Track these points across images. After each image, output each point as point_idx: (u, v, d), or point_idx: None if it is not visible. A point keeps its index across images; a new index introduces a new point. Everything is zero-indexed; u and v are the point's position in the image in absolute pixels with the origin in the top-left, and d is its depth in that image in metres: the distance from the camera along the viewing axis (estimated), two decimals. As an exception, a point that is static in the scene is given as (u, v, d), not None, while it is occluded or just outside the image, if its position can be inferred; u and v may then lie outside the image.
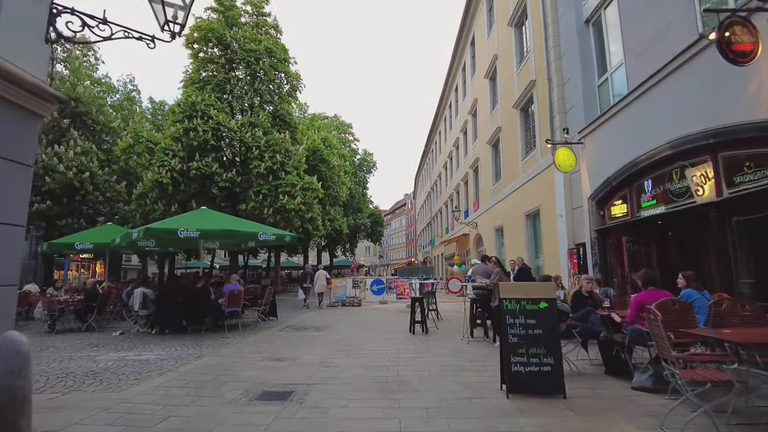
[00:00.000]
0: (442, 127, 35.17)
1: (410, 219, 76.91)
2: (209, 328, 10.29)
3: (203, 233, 9.39)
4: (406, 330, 10.02)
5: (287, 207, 16.12)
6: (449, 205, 31.35)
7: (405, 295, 16.87)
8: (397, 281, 17.11)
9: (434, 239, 40.77)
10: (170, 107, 16.83)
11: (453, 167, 30.05)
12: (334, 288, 17.50)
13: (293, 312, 15.18)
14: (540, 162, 13.27)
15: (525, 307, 4.80)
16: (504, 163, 17.24)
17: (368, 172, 47.97)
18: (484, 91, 20.53)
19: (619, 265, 9.25)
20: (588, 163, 10.18)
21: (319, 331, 10.11)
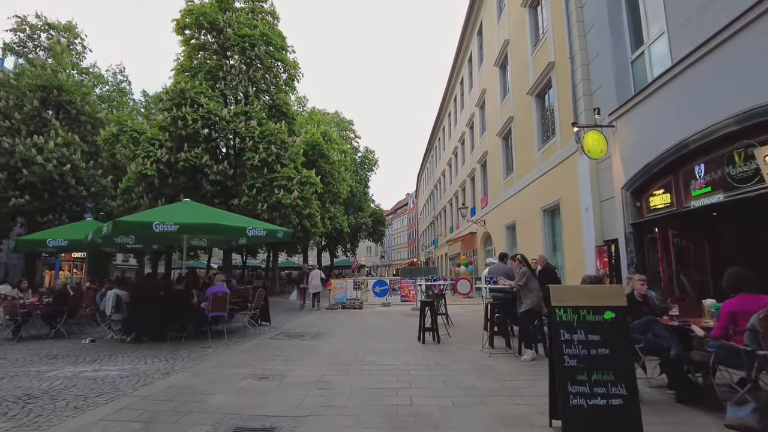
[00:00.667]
0: (446, 123, 33.97)
1: (412, 219, 75.71)
2: (191, 335, 9.09)
3: (183, 227, 8.19)
4: (415, 338, 8.82)
5: (283, 202, 14.90)
6: (454, 203, 30.14)
7: (410, 298, 15.66)
8: (402, 282, 15.89)
9: (437, 239, 39.55)
10: (157, 94, 15.64)
11: (458, 163, 28.83)
12: (334, 289, 16.29)
13: (289, 316, 13.98)
14: (560, 151, 12.05)
15: (585, 318, 3.58)
16: (517, 155, 16.02)
17: (370, 170, 46.77)
18: (493, 80, 19.32)
19: (662, 263, 8.02)
20: (621, 149, 8.95)
21: (315, 339, 8.89)
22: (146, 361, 6.84)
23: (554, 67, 12.55)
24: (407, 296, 15.54)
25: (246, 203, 14.95)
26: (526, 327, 6.84)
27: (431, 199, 44.31)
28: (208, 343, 8.44)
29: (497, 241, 18.61)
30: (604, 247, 9.59)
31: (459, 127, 28.17)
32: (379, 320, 12.41)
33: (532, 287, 6.90)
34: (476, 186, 23.20)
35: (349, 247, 44.56)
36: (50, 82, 16.34)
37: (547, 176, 13.05)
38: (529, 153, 14.58)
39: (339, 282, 16.49)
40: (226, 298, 8.96)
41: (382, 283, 16.05)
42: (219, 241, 12.13)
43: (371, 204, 47.22)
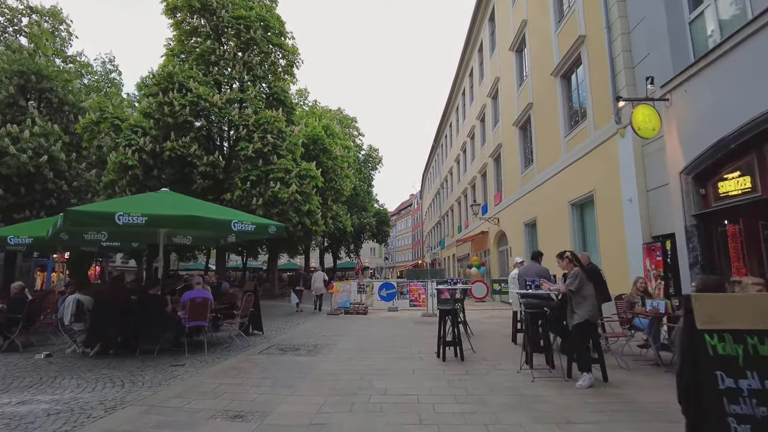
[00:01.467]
0: (454, 118, 32.50)
1: (416, 220, 74.20)
2: (166, 348, 7.65)
3: (153, 220, 6.76)
4: (432, 352, 7.37)
5: (280, 197, 13.46)
6: (463, 201, 28.65)
7: (420, 302, 14.17)
8: (411, 285, 14.42)
9: (444, 240, 38.06)
10: (143, 79, 14.32)
11: (467, 159, 27.35)
12: (336, 293, 14.84)
13: (285, 322, 12.53)
14: (593, 136, 10.57)
15: (758, 352, 2.11)
16: (537, 145, 14.54)
17: (373, 168, 45.33)
18: (508, 67, 17.87)
19: (744, 263, 6.49)
20: (678, 125, 7.46)
21: (312, 354, 7.43)
22: (97, 385, 5.40)
23: (584, 41, 11.09)
24: (417, 300, 14.07)
25: (239, 198, 13.53)
26: (582, 344, 5.36)
27: (437, 199, 42.82)
28: (183, 359, 7.00)
29: (514, 240, 17.12)
30: (656, 244, 8.10)
31: (468, 121, 26.71)
32: (387, 328, 10.94)
33: (587, 293, 5.43)
34: (488, 182, 21.71)
35: (353, 248, 43.12)
36: (27, 67, 14.98)
37: (575, 166, 11.58)
38: (553, 142, 13.11)
39: (342, 285, 15.04)
40: (207, 304, 7.51)
41: (389, 285, 14.58)
42: (206, 238, 10.72)
43: (375, 204, 45.77)
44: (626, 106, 8.52)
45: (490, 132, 21.05)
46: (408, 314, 14.14)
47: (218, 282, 12.99)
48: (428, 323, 11.88)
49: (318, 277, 15.79)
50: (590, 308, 5.35)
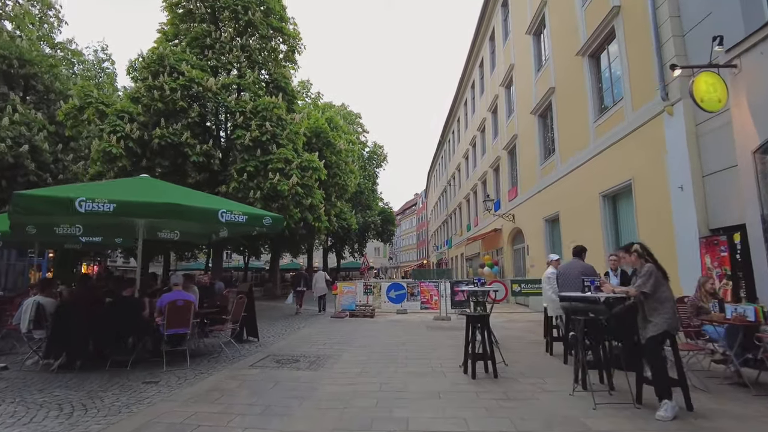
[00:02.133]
0: (462, 113, 31.29)
1: (421, 219, 73.03)
2: (141, 359, 6.50)
3: (122, 207, 5.62)
4: (454, 365, 6.21)
5: (279, 189, 12.31)
6: (472, 199, 27.44)
7: (432, 304, 12.97)
8: (422, 286, 13.22)
9: (451, 239, 36.83)
10: (131, 62, 13.21)
11: (477, 154, 26.13)
12: (341, 294, 13.67)
13: (285, 326, 11.38)
14: (631, 118, 9.36)
15: None
16: (560, 133, 13.32)
17: (378, 165, 44.21)
18: (524, 52, 16.67)
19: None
20: (750, 96, 6.25)
21: (314, 368, 6.26)
22: (38, 413, 4.25)
23: (619, 12, 9.88)
24: (428, 303, 12.87)
25: (235, 190, 12.39)
26: (660, 362, 4.15)
27: (443, 198, 41.62)
28: (159, 374, 5.85)
29: (532, 238, 15.90)
30: (718, 238, 6.88)
31: (478, 114, 25.49)
32: (398, 334, 9.76)
33: (664, 296, 4.24)
34: (501, 177, 20.49)
35: (357, 247, 42.00)
36: (8, 50, 13.90)
37: (607, 153, 10.36)
38: (579, 128, 11.89)
39: (346, 285, 13.86)
40: (189, 308, 6.35)
41: (399, 286, 13.40)
42: (195, 233, 9.56)
43: (380, 202, 44.64)
44: (680, 78, 7.32)
45: (504, 123, 19.84)
46: (418, 317, 12.97)
47: (211, 283, 11.88)
48: (443, 328, 10.70)
49: (319, 277, 15.22)
50: (669, 315, 4.16)
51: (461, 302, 12.65)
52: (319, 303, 15.24)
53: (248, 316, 8.80)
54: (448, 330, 10.42)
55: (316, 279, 15.29)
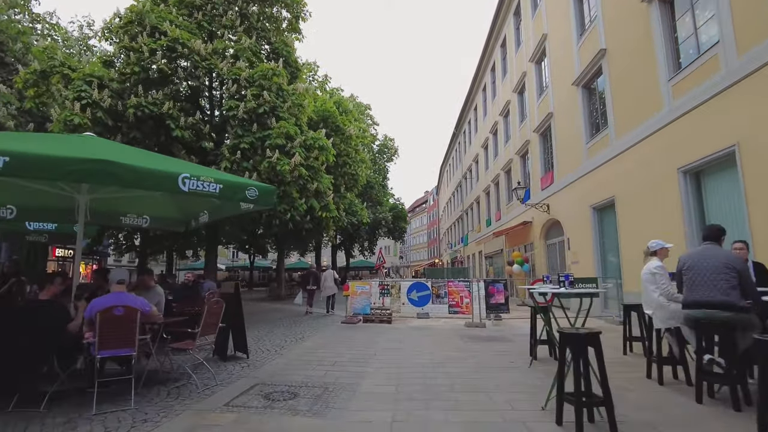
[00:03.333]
0: (480, 99, 29.06)
1: (432, 217, 70.78)
2: (69, 391, 4.46)
3: (19, 162, 3.57)
4: (530, 404, 4.08)
5: (279, 169, 10.23)
6: (493, 191, 25.22)
7: (463, 309, 10.78)
8: (450, 286, 11.04)
9: (467, 236, 34.62)
10: (106, 23, 11.21)
11: (499, 142, 23.91)
12: (353, 295, 11.56)
13: (286, 334, 9.30)
14: (731, 67, 7.14)
15: None
16: (615, 101, 11.11)
17: (389, 160, 42.08)
18: (560, 18, 14.49)
19: None
20: None
21: (318, 413, 4.11)
22: None
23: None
24: (458, 306, 10.71)
25: (227, 170, 10.35)
26: None
27: (458, 193, 39.40)
28: (83, 420, 3.80)
29: (574, 229, 13.68)
30: None
31: (501, 97, 23.28)
32: (429, 348, 7.63)
33: None
34: (532, 163, 18.26)
35: (367, 245, 39.92)
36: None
37: (691, 117, 8.16)
38: (645, 90, 9.69)
39: (360, 285, 11.72)
40: (132, 318, 4.27)
41: (422, 286, 11.22)
42: (168, 220, 7.49)
43: (390, 199, 42.52)
44: None
45: (534, 103, 17.62)
46: (446, 324, 10.85)
47: (195, 281, 9.88)
48: (482, 339, 8.56)
49: (328, 276, 14.48)
50: None
51: (498, 306, 10.50)
52: (327, 303, 14.24)
53: (235, 325, 6.74)
54: (490, 341, 8.29)
55: (324, 278, 14.39)
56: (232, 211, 6.11)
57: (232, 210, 6.04)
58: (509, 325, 10.49)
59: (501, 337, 8.85)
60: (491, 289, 10.49)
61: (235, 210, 5.92)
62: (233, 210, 6.00)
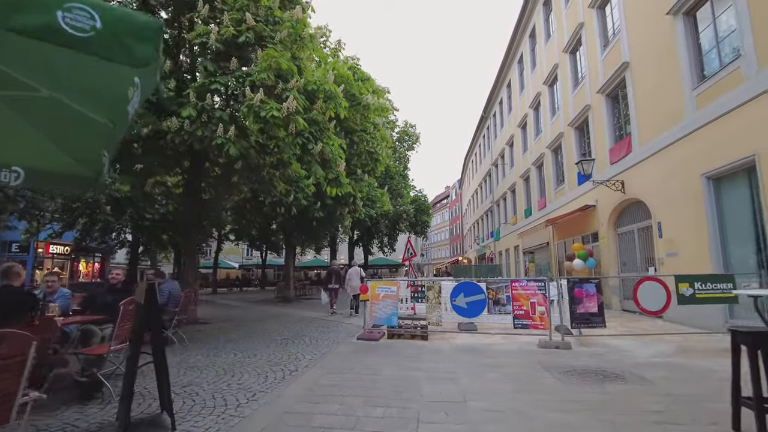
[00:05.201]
0: (515, 73, 25.46)
1: (455, 212, 67.12)
2: None
3: None
4: None
5: (265, 116, 6.98)
6: (534, 176, 21.64)
7: (536, 320, 7.30)
8: (515, 287, 7.55)
9: (499, 229, 31.04)
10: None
11: (542, 118, 20.33)
12: (373, 300, 8.24)
13: (275, 361, 6.07)
14: None
15: None
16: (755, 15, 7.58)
17: (410, 148, 38.64)
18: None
19: None
20: None
21: None
22: None
23: None
24: (529, 317, 7.27)
25: (192, 120, 7.17)
26: None
27: (486, 184, 35.82)
28: None
29: (669, 210, 10.11)
30: None
31: (544, 64, 19.70)
32: (509, 398, 4.33)
33: None
34: (594, 134, 14.68)
35: (387, 241, 36.52)
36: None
37: None
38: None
39: (383, 286, 8.33)
40: None
41: (472, 288, 7.75)
42: (53, 173, 4.39)
43: (411, 190, 39.09)
44: None
45: (596, 57, 14.07)
46: (504, 340, 7.52)
47: (127, 283, 6.87)
48: (582, 373, 5.21)
49: (353, 273, 13.40)
50: None
51: (589, 316, 7.08)
52: (352, 303, 13.31)
53: (158, 366, 3.55)
54: (599, 379, 4.93)
55: (349, 276, 13.35)
56: (121, 123, 2.87)
57: (120, 120, 2.80)
58: (603, 344, 7.09)
59: (610, 370, 5.45)
60: (578, 291, 7.06)
61: (122, 119, 2.67)
62: (120, 119, 2.76)
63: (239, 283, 40.82)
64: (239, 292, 34.01)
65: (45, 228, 20.85)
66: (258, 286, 41.93)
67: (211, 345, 7.56)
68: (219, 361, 6.20)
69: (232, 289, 37.73)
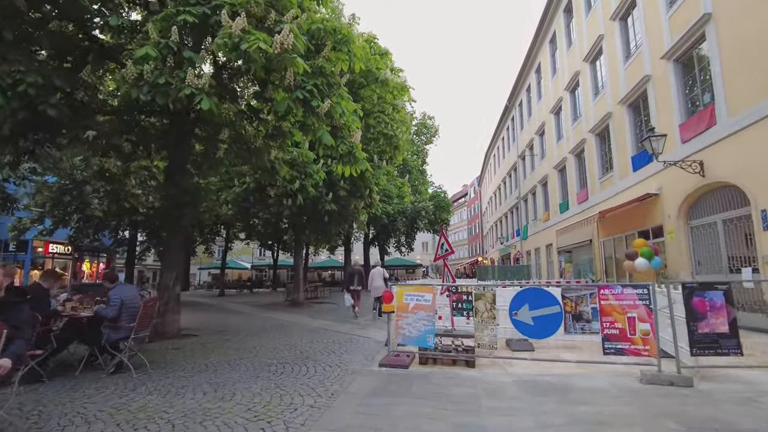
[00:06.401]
0: (546, 53, 23.06)
1: (474, 211, 64.58)
2: None
3: None
4: None
5: (247, 48, 4.90)
6: (573, 165, 19.27)
7: (636, 344, 5.04)
8: (603, 295, 5.37)
9: (527, 226, 28.63)
10: None
11: (582, 99, 18.00)
12: (400, 311, 6.12)
13: (257, 411, 3.99)
14: None
15: None
16: None
17: (428, 141, 36.51)
18: None
19: None
20: None
21: None
22: None
23: None
24: (626, 338, 5.04)
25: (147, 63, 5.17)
26: None
27: (511, 177, 33.38)
28: None
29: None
30: None
31: (584, 42, 17.37)
32: None
33: None
34: (654, 110, 12.34)
35: (404, 240, 34.37)
36: None
37: None
38: None
39: (413, 293, 6.11)
40: None
41: (542, 297, 5.39)
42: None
43: (430, 186, 36.90)
44: None
45: (661, 16, 11.75)
46: (587, 371, 5.36)
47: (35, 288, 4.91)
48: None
49: (376, 274, 12.75)
50: None
51: (714, 338, 4.88)
52: (374, 305, 12.73)
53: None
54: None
55: (372, 276, 12.77)
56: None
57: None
58: (745, 381, 4.88)
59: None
60: (698, 302, 4.85)
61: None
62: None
63: (250, 284, 39.04)
64: (249, 294, 32.17)
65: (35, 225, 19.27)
66: (270, 287, 40.15)
67: (179, 374, 5.54)
68: (175, 408, 4.17)
69: (242, 290, 35.98)
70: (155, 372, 5.59)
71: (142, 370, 5.61)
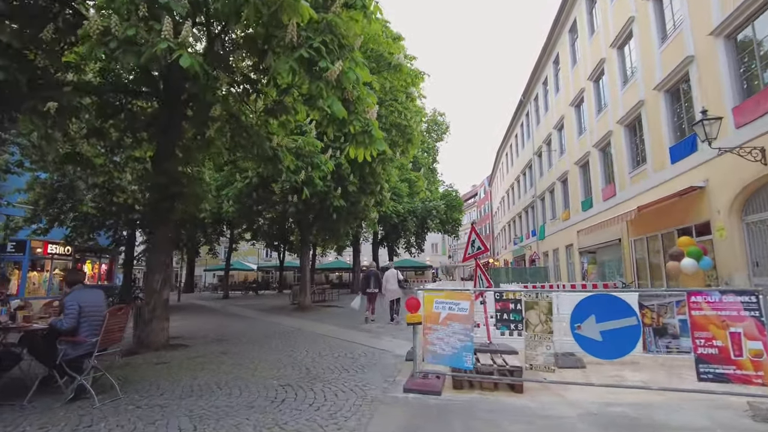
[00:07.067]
0: (566, 42, 21.82)
1: (484, 211, 63.24)
2: None
3: None
4: None
5: None
6: (598, 159, 18.01)
7: (745, 371, 3.92)
8: (694, 303, 4.25)
9: (543, 226, 27.36)
10: None
11: (607, 89, 16.76)
12: (429, 324, 5.00)
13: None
14: None
15: None
16: None
17: (439, 139, 35.34)
18: None
19: None
20: None
21: None
22: None
23: None
24: (729, 361, 3.88)
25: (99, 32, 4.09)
26: None
27: (526, 176, 32.09)
28: None
29: None
30: None
31: (609, 25, 16.14)
32: None
33: None
34: (697, 94, 11.11)
35: (414, 240, 33.19)
36: None
37: None
38: None
39: (444, 301, 4.98)
40: None
41: (613, 306, 4.18)
42: None
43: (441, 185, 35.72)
44: None
45: None
46: (659, 395, 4.19)
47: None
48: None
49: (390, 276, 12.20)
50: None
51: None
52: (390, 309, 12.21)
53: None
54: None
55: (386, 278, 12.25)
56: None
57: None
58: None
59: None
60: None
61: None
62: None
63: (255, 286, 38.05)
64: (254, 296, 31.16)
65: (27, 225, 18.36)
66: (276, 289, 39.15)
67: (154, 400, 4.44)
68: None
69: (247, 292, 35.01)
70: (125, 397, 4.49)
71: (109, 395, 4.52)
